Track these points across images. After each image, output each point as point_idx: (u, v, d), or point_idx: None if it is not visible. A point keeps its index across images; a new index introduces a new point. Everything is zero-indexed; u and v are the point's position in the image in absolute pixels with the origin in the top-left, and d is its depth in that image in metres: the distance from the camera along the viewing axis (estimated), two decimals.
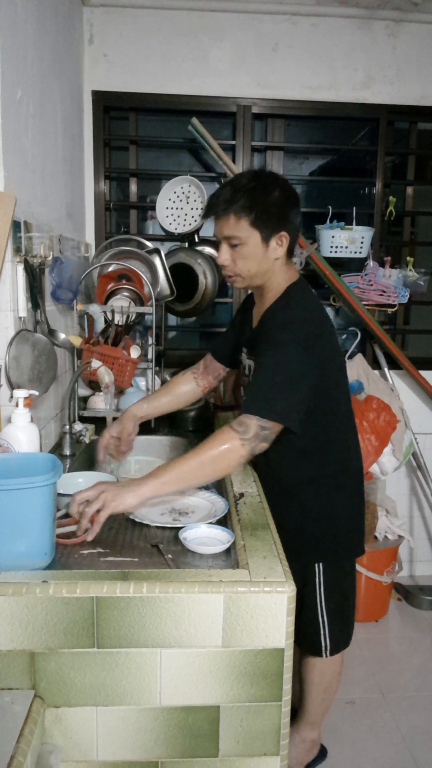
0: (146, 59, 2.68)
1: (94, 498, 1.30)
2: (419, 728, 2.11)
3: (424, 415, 3.01)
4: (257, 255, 1.51)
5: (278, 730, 1.16)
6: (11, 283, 1.59)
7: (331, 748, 1.98)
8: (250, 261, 1.52)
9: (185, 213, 2.66)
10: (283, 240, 1.51)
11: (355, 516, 1.71)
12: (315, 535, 1.65)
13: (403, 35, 2.75)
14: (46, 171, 1.96)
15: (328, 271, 2.61)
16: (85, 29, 2.64)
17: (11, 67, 1.59)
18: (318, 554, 1.66)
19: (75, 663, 1.11)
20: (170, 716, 1.14)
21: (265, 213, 1.47)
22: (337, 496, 1.66)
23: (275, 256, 1.53)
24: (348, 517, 1.69)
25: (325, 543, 1.66)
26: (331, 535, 1.66)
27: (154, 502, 1.51)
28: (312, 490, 1.64)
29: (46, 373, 1.79)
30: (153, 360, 2.29)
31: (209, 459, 1.35)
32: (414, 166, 2.97)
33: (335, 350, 1.60)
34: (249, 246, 1.50)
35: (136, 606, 1.09)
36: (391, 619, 2.79)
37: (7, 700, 1.07)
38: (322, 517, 1.65)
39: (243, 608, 1.10)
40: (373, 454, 2.52)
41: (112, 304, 2.25)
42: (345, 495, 1.68)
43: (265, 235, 1.49)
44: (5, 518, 1.10)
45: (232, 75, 2.72)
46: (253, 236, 1.49)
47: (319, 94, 2.77)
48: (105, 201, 2.78)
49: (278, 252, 1.52)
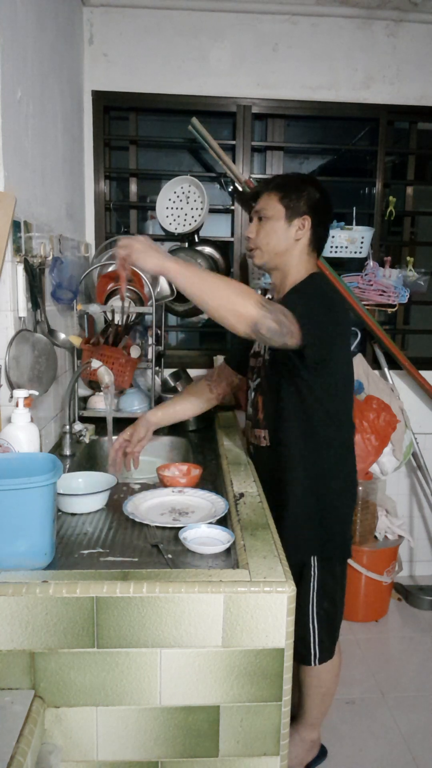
0: (146, 59, 2.68)
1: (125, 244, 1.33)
2: (419, 728, 2.11)
3: (424, 415, 3.01)
4: (279, 230, 1.64)
5: (278, 730, 1.16)
6: (11, 283, 1.59)
7: (331, 748, 1.98)
8: (271, 235, 1.64)
9: (185, 213, 2.66)
10: (305, 224, 1.63)
11: (347, 513, 1.72)
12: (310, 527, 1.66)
13: (403, 35, 2.75)
14: (46, 171, 1.96)
15: (328, 271, 2.61)
16: (85, 29, 2.64)
17: (11, 67, 1.59)
18: (312, 547, 1.66)
19: (75, 663, 1.11)
20: (170, 716, 1.14)
21: (294, 195, 1.63)
22: (333, 493, 1.67)
23: (296, 237, 1.64)
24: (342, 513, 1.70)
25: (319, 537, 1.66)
26: (325, 528, 1.67)
27: (154, 502, 1.51)
28: (309, 486, 1.65)
29: (46, 373, 1.79)
30: (153, 360, 2.29)
31: (230, 291, 1.34)
32: (414, 166, 2.97)
33: (349, 345, 1.68)
34: (273, 220, 1.64)
35: (136, 606, 1.09)
36: (391, 619, 2.79)
37: (7, 700, 1.07)
38: (317, 512, 1.66)
39: (243, 608, 1.10)
40: (373, 454, 2.52)
41: (112, 304, 2.25)
42: (340, 493, 1.68)
43: (290, 213, 1.63)
44: (5, 518, 1.10)
45: (232, 75, 2.72)
46: (279, 212, 1.63)
47: (319, 94, 2.77)
48: (105, 201, 2.79)
49: (299, 234, 1.64)
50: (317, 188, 1.66)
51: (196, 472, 1.66)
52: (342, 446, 1.68)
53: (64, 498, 1.43)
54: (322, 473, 1.65)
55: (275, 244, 1.64)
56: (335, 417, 1.64)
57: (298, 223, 1.63)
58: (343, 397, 1.66)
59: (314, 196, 1.64)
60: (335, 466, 1.66)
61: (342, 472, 1.69)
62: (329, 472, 1.65)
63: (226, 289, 1.33)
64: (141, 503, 1.50)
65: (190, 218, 2.66)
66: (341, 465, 1.68)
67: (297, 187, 1.64)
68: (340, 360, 1.61)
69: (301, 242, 1.64)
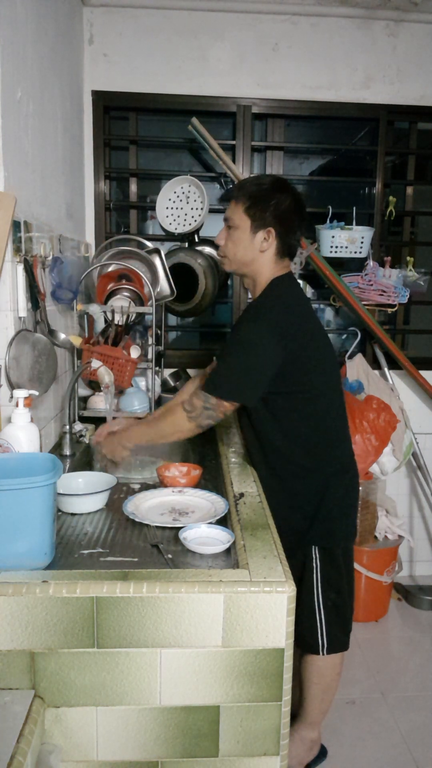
0: (146, 59, 2.68)
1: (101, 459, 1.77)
2: (419, 728, 2.11)
3: (424, 415, 3.01)
4: (244, 241, 1.65)
5: (278, 730, 1.16)
6: (11, 283, 1.59)
7: (331, 748, 1.98)
8: (237, 245, 1.67)
9: (185, 213, 2.66)
10: (270, 235, 1.63)
11: (346, 501, 1.73)
12: (307, 518, 1.67)
13: (403, 35, 2.75)
14: (46, 171, 1.96)
15: (328, 271, 2.61)
16: (85, 29, 2.64)
17: (11, 67, 1.59)
18: (312, 537, 1.67)
19: (75, 663, 1.11)
20: (170, 716, 1.14)
21: (260, 205, 1.62)
22: (324, 480, 1.68)
23: (260, 249, 1.65)
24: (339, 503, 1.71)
25: (318, 526, 1.68)
26: (322, 516, 1.68)
27: (154, 502, 1.52)
28: (301, 475, 1.67)
29: (46, 373, 1.79)
30: (153, 360, 2.28)
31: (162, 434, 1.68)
32: (414, 166, 2.97)
33: (315, 339, 1.66)
34: (239, 230, 1.65)
35: (136, 606, 1.09)
36: (391, 619, 2.79)
37: (7, 700, 1.07)
38: (314, 500, 1.67)
39: (243, 608, 1.10)
40: (373, 454, 2.52)
41: (112, 304, 2.24)
42: (334, 479, 1.70)
43: (255, 225, 1.63)
44: (5, 518, 1.10)
45: (232, 75, 2.72)
46: (244, 222, 1.64)
47: (319, 94, 2.77)
48: (105, 201, 2.79)
49: (264, 245, 1.64)
50: (288, 194, 1.63)
51: (196, 472, 1.66)
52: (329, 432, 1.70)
53: (64, 498, 1.43)
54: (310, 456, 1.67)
55: (242, 255, 1.66)
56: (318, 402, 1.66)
57: (262, 235, 1.63)
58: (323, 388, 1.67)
59: (282, 204, 1.62)
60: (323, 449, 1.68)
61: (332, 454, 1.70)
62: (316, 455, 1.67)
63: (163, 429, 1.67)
64: (141, 503, 1.50)
65: (190, 218, 2.66)
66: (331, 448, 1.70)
67: (264, 197, 1.62)
68: (309, 357, 1.62)
69: (267, 253, 1.65)
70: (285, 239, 1.65)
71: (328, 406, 1.68)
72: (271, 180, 1.68)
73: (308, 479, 1.68)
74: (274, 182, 1.67)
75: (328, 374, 1.70)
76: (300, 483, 1.68)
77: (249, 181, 1.69)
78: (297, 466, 1.68)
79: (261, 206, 1.61)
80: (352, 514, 1.76)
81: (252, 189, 1.64)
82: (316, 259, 2.61)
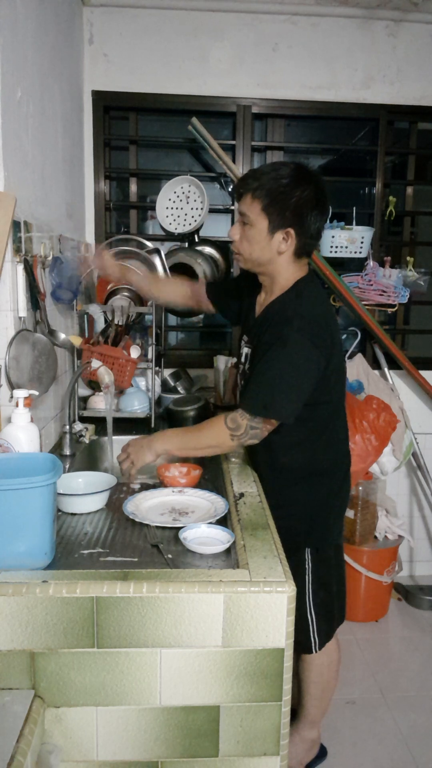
0: (146, 59, 2.68)
1: (123, 458, 1.64)
2: (419, 728, 2.11)
3: (424, 415, 3.01)
4: (261, 241, 1.54)
5: (278, 730, 1.16)
6: (11, 283, 1.59)
7: (331, 748, 1.98)
8: (253, 244, 1.55)
9: (185, 213, 2.66)
10: (289, 236, 1.52)
11: (342, 505, 1.74)
12: (304, 521, 1.66)
13: (403, 35, 2.75)
14: (46, 171, 1.96)
15: (328, 271, 2.61)
16: (85, 29, 2.64)
17: (11, 67, 1.59)
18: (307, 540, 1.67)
19: (75, 663, 1.11)
20: (170, 716, 1.14)
21: (279, 204, 1.48)
22: (327, 483, 1.68)
23: (279, 250, 1.54)
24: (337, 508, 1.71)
25: (314, 529, 1.67)
26: (320, 519, 1.68)
27: (154, 502, 1.52)
28: (303, 478, 1.66)
29: (46, 373, 1.79)
30: (153, 360, 2.28)
31: (205, 439, 1.58)
32: (414, 166, 2.97)
33: (340, 345, 1.63)
34: (255, 229, 1.53)
35: (136, 606, 1.09)
36: (391, 619, 2.79)
37: (7, 700, 1.07)
38: (314, 504, 1.67)
39: (243, 608, 1.10)
40: (373, 454, 2.51)
41: (112, 304, 2.25)
42: (335, 483, 1.70)
43: (273, 226, 1.51)
44: (5, 518, 1.10)
45: (232, 75, 2.72)
46: (261, 222, 1.51)
47: (319, 94, 2.77)
48: (105, 201, 2.79)
49: (282, 246, 1.53)
50: (310, 186, 1.49)
51: (196, 472, 1.66)
52: (334, 434, 1.69)
53: (64, 498, 1.43)
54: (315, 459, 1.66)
55: (258, 256, 1.56)
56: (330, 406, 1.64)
57: (281, 236, 1.51)
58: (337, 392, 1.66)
59: (303, 199, 1.48)
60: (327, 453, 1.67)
61: (335, 457, 1.70)
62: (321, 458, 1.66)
63: (204, 439, 1.58)
64: (141, 503, 1.50)
65: (190, 218, 2.66)
66: (335, 451, 1.70)
67: (284, 194, 1.47)
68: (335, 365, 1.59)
69: (285, 254, 1.55)
70: (304, 238, 1.53)
71: (334, 412, 1.67)
72: (291, 171, 1.49)
73: (310, 483, 1.67)
74: (295, 174, 1.49)
75: (343, 383, 1.68)
76: (301, 486, 1.67)
77: (266, 173, 1.50)
78: (299, 470, 1.66)
79: (280, 205, 1.48)
80: (344, 514, 1.77)
81: (271, 184, 1.48)
82: (316, 259, 2.61)
